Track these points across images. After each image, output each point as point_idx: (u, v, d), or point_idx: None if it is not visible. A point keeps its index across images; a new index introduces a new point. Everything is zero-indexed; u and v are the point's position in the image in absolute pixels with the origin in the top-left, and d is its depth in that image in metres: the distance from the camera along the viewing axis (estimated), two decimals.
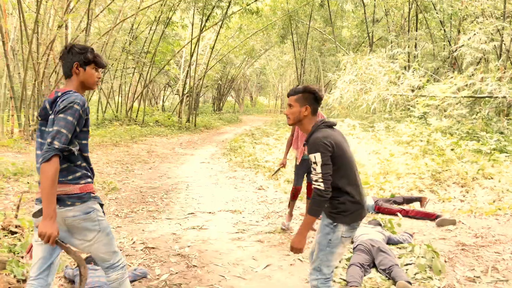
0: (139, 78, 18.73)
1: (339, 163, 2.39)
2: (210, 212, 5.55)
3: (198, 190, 6.90)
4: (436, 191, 6.59)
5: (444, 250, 4.11)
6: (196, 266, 3.73)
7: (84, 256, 3.65)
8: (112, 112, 18.42)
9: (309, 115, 2.53)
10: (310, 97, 2.52)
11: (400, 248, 4.17)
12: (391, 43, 14.29)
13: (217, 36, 18.08)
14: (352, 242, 4.13)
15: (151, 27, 17.09)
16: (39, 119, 2.28)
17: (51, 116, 2.16)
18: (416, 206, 5.66)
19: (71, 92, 2.23)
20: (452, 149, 8.07)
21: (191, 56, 17.99)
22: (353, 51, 14.41)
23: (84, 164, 2.28)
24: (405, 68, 11.41)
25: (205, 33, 19.11)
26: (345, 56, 12.04)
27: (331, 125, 2.52)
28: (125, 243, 4.22)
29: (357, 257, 3.69)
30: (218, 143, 14.09)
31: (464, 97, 9.38)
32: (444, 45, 14.66)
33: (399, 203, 5.59)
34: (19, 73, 11.52)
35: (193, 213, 5.51)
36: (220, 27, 17.17)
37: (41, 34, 11.29)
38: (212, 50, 18.85)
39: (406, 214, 5.15)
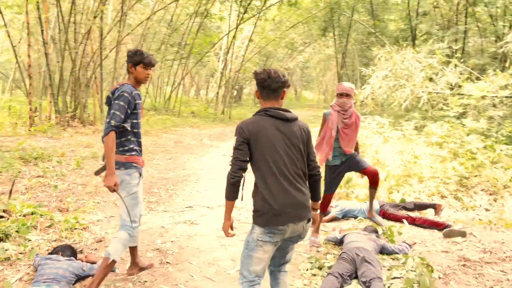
0: (177, 69, 19.01)
1: (253, 156, 2.35)
2: (208, 207, 5.45)
3: (207, 183, 6.83)
4: (461, 198, 6.08)
5: (442, 264, 3.73)
6: (169, 263, 3.64)
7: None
8: (151, 102, 18.85)
9: (260, 100, 2.49)
10: (257, 82, 2.45)
11: (393, 259, 3.84)
12: (436, 37, 13.41)
13: (253, 28, 17.90)
14: (341, 249, 3.86)
15: (190, 19, 17.24)
16: (107, 105, 3.01)
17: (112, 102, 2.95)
18: (430, 213, 5.23)
19: (125, 84, 3.01)
20: (486, 153, 7.43)
21: (229, 48, 17.97)
22: (395, 46, 13.62)
23: (133, 138, 3.02)
24: (445, 64, 10.66)
25: (244, 25, 19.00)
26: (380, 50, 11.44)
27: (274, 115, 2.37)
28: (109, 234, 4.21)
29: (338, 266, 3.43)
30: None
31: (506, 97, 8.59)
32: (495, 40, 13.57)
33: (409, 209, 5.19)
34: (58, 61, 12.01)
35: (191, 206, 5.44)
36: (257, 19, 16.98)
37: (80, 24, 11.68)
38: (249, 42, 18.72)
39: (412, 221, 4.76)
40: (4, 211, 4.04)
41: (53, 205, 5.02)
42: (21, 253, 3.49)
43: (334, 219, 4.97)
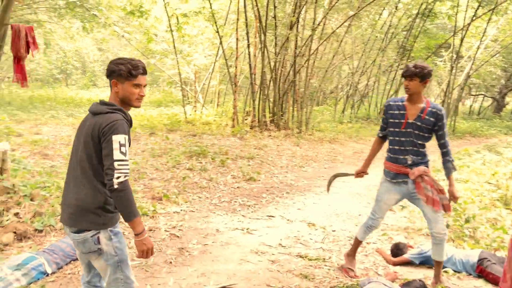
0: (394, 76, 17.83)
1: None
2: (288, 220, 5.07)
3: (325, 197, 6.28)
4: None
5: None
6: (171, 263, 3.68)
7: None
8: (365, 111, 18.44)
9: None
10: None
11: None
12: None
13: (487, 24, 14.83)
14: None
15: (413, 21, 15.91)
16: None
17: None
18: None
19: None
20: None
21: (458, 50, 15.56)
22: None
23: (390, 146, 3.34)
24: None
25: (479, 23, 16.01)
26: None
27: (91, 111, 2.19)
28: (163, 225, 4.56)
29: None
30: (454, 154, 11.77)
31: None
32: None
33: None
34: (264, 71, 13.40)
35: (273, 216, 5.19)
36: (492, 13, 14.00)
37: (280, 36, 12.66)
38: (481, 41, 15.62)
39: None
40: None
41: (175, 193, 5.77)
42: None
43: (407, 262, 3.75)
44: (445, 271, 3.54)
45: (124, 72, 2.10)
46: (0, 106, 15.01)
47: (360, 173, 3.63)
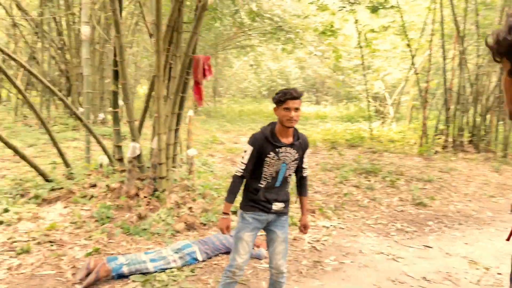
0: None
1: None
2: (447, 253, 4.46)
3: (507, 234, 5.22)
4: None
5: None
6: (288, 272, 3.79)
7: None
8: None
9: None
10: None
11: None
12: None
13: None
14: None
15: None
16: None
17: None
18: None
19: None
20: None
21: None
22: None
23: None
24: None
25: None
26: None
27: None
28: (307, 236, 4.70)
29: None
30: None
31: None
32: None
33: None
34: (463, 85, 11.94)
35: (430, 247, 4.66)
36: None
37: None
38: None
39: None
40: None
41: (331, 208, 5.92)
42: None
43: None
44: None
45: (276, 100, 2.59)
46: (216, 118, 17.98)
47: None
